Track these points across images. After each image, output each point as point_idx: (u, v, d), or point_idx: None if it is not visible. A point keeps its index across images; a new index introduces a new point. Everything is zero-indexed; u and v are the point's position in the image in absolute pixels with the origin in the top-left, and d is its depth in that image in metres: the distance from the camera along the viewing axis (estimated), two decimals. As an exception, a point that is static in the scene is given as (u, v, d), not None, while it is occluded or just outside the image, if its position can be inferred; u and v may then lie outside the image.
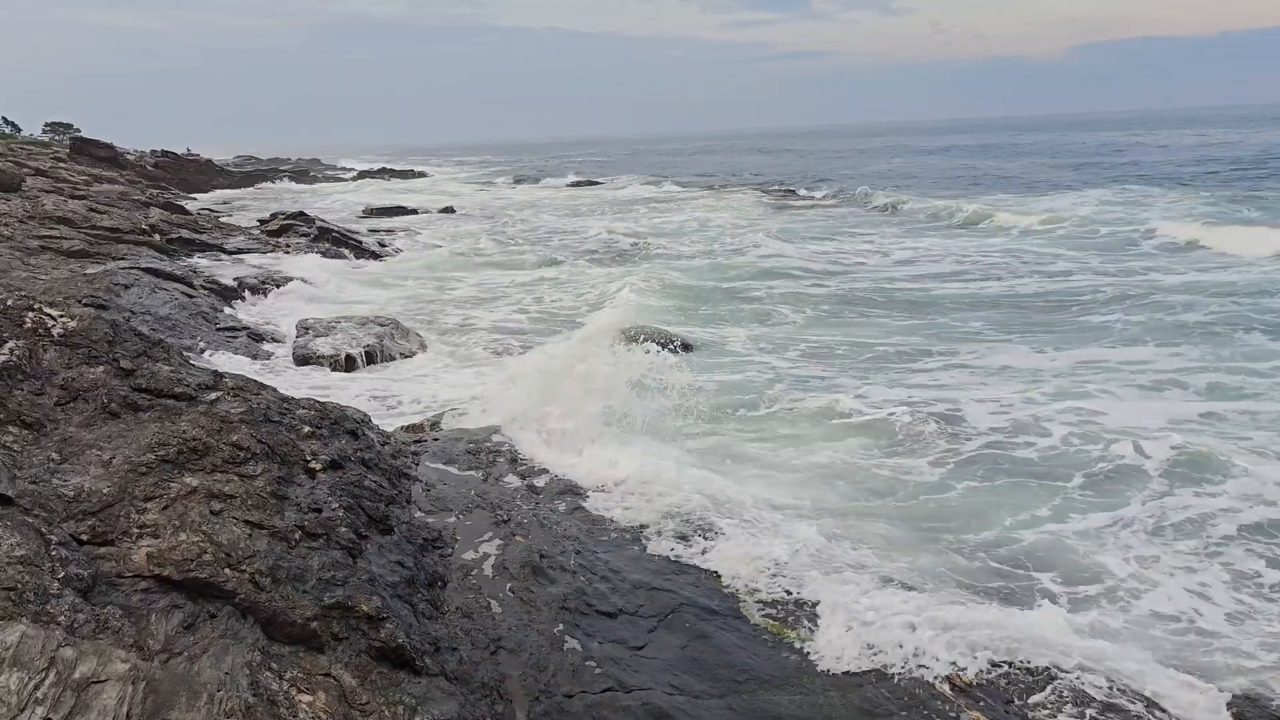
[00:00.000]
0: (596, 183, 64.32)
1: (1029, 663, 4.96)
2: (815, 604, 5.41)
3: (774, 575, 5.73)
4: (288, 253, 23.41)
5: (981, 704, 4.61)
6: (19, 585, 3.32)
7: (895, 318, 15.95)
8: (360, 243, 26.41)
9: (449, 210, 43.07)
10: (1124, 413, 9.97)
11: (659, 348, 9.05)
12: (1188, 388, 10.98)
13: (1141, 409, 10.18)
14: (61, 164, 36.79)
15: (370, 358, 13.11)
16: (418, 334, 14.89)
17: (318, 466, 5.26)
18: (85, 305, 10.08)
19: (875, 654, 4.90)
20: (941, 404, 10.18)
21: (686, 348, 13.72)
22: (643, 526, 6.35)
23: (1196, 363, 12.00)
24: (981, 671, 4.86)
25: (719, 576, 5.70)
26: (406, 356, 13.59)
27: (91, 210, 21.80)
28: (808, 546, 6.14)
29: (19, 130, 77.32)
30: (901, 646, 4.94)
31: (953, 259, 22.73)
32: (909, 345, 13.72)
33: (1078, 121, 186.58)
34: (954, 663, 4.89)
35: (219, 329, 14.50)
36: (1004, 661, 4.95)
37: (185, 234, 22.83)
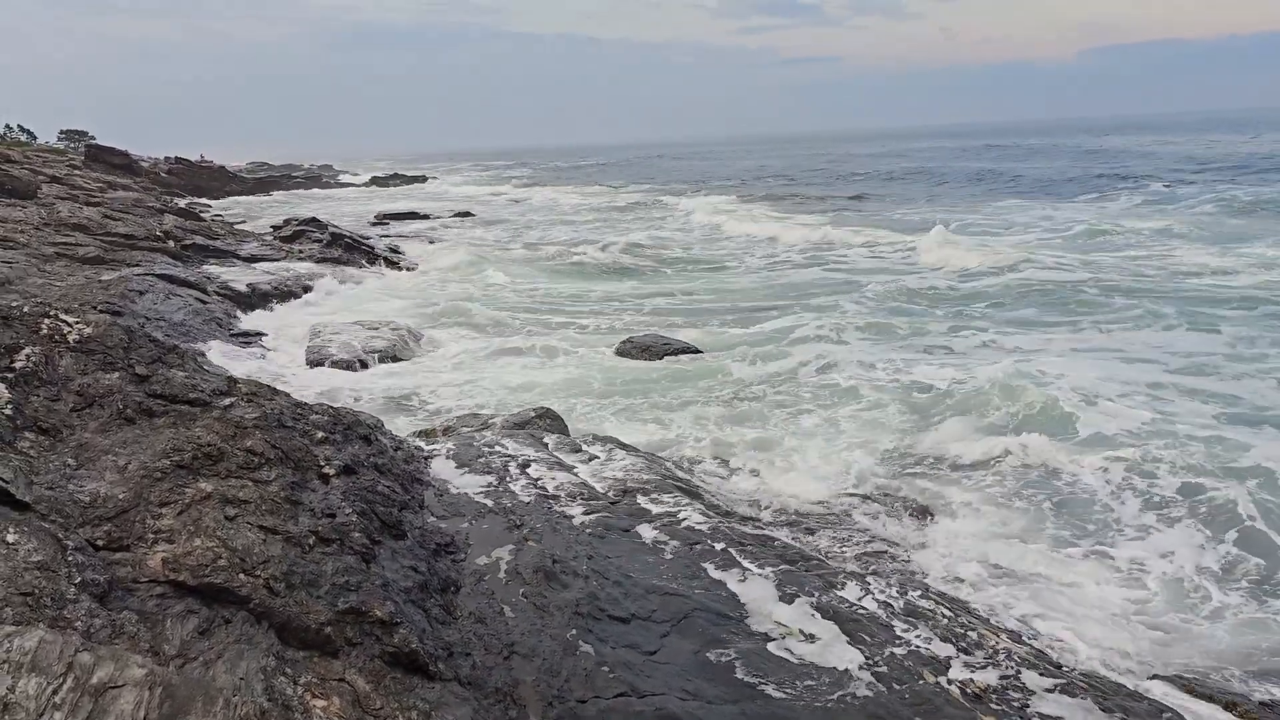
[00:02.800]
0: (605, 187, 64.50)
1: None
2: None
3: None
4: (301, 259, 23.52)
5: (996, 710, 4.58)
6: (36, 590, 3.34)
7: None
8: (372, 248, 26.51)
9: (462, 215, 43.22)
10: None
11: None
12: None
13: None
14: (77, 171, 37.07)
15: (382, 361, 13.16)
16: (429, 337, 14.95)
17: (331, 472, 5.27)
18: (100, 311, 10.13)
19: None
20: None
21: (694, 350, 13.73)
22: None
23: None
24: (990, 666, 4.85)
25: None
26: (419, 360, 13.63)
27: (106, 217, 21.96)
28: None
29: (34, 138, 77.99)
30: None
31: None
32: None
33: (1082, 126, 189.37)
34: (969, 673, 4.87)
35: (233, 334, 14.59)
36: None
37: (199, 240, 22.98)
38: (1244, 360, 12.26)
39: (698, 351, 13.72)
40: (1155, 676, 5.44)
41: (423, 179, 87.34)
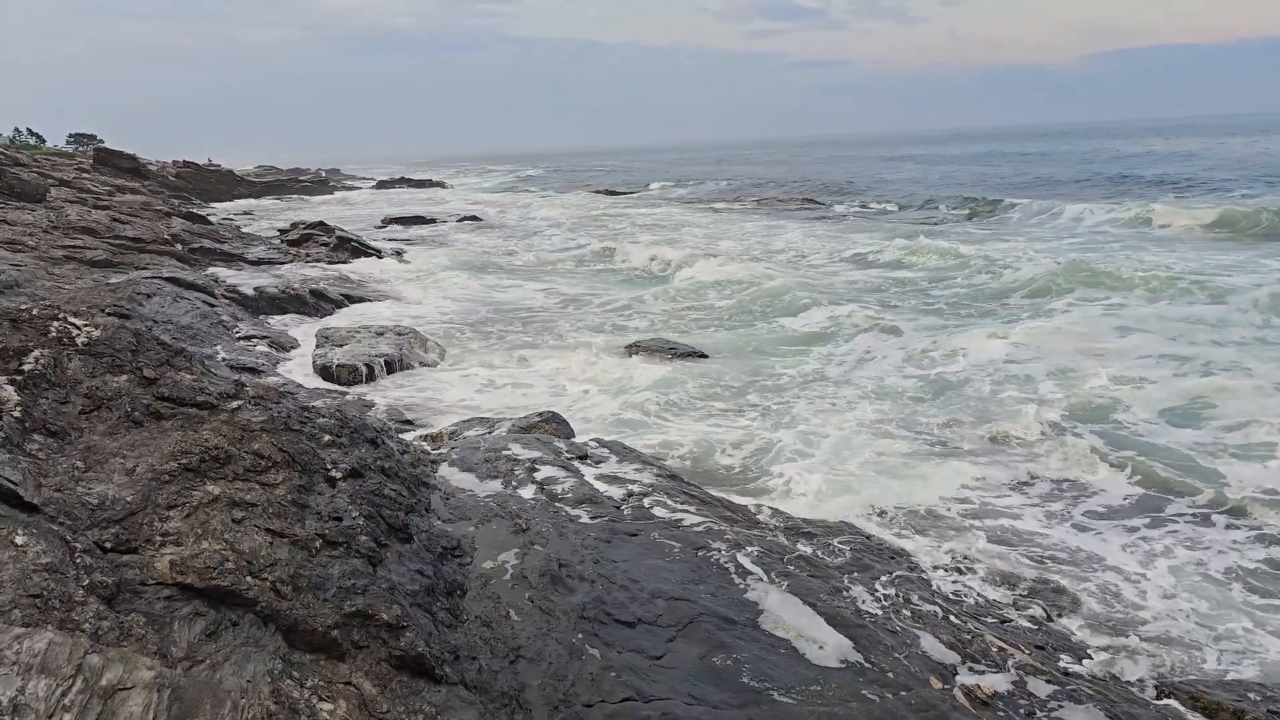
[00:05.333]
0: (617, 193, 64.57)
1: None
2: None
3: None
4: (308, 262, 23.58)
5: (1003, 717, 4.57)
6: (44, 592, 3.35)
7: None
8: (379, 253, 26.58)
9: (469, 220, 43.26)
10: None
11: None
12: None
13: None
14: (85, 174, 37.24)
15: (389, 367, 13.18)
16: (436, 343, 14.96)
17: (338, 475, 5.28)
18: (109, 314, 10.17)
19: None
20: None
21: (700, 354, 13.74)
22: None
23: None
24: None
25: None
26: (426, 366, 13.64)
27: (115, 220, 22.06)
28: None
29: (43, 141, 78.30)
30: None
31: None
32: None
33: (1073, 130, 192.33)
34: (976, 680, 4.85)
35: (240, 338, 14.63)
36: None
37: (207, 244, 23.06)
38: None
39: (704, 356, 13.74)
40: (1163, 683, 5.42)
41: (431, 183, 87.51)
